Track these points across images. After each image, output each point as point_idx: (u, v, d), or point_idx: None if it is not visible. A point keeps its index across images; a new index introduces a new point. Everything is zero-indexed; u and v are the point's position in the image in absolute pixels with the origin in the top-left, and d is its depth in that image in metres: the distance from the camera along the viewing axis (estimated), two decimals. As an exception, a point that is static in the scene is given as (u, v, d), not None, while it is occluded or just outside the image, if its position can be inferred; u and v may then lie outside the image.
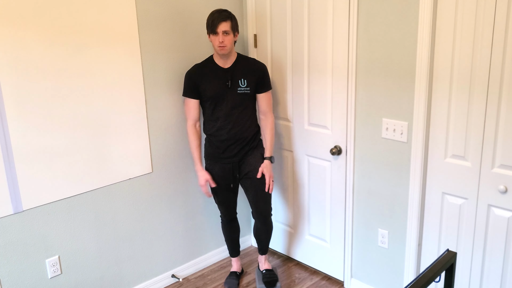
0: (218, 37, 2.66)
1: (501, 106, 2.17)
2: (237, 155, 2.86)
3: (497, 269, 2.35)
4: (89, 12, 2.50)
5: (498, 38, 2.11)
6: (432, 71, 2.37)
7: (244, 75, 2.80)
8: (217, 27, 2.64)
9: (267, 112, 2.91)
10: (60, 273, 2.65)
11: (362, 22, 2.57)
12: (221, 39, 2.65)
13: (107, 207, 2.79)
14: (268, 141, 2.92)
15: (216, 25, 2.64)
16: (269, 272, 3.11)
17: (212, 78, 2.78)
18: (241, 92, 2.80)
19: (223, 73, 2.78)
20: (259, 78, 2.84)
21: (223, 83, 2.77)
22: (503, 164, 2.22)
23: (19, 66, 2.31)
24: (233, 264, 3.22)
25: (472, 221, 2.39)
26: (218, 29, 2.64)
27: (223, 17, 2.65)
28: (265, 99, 2.89)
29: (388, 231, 2.75)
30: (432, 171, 2.49)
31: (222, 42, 2.66)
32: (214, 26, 2.65)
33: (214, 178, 2.89)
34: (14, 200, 2.41)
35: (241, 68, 2.81)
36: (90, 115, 2.61)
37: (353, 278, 3.04)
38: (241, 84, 2.80)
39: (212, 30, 2.66)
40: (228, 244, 3.16)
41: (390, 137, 2.60)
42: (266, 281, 3.06)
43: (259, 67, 2.86)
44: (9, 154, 2.35)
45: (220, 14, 2.66)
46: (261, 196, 2.90)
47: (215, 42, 2.69)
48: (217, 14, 2.66)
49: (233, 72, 2.79)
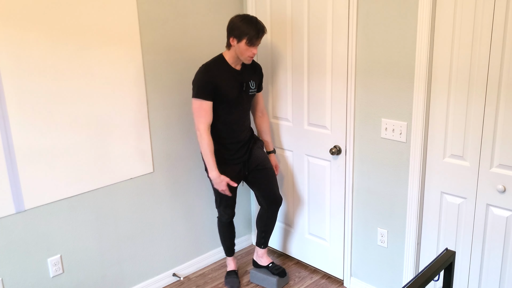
0: (254, 49, 2.61)
1: (499, 106, 2.18)
2: (246, 153, 2.90)
3: (496, 268, 2.37)
4: (90, 13, 2.51)
5: (497, 38, 2.12)
6: (431, 71, 2.38)
7: (252, 77, 2.83)
8: (259, 40, 2.60)
9: (263, 109, 3.05)
10: (62, 272, 2.67)
11: (361, 23, 2.58)
12: (256, 52, 2.63)
13: (109, 207, 2.80)
14: (269, 135, 3.09)
15: (260, 38, 2.59)
16: (275, 265, 3.15)
17: (230, 80, 2.70)
18: (252, 94, 2.84)
19: (238, 75, 2.75)
20: (260, 78, 2.92)
21: (239, 86, 2.75)
22: (501, 163, 2.23)
23: (21, 67, 2.32)
24: (231, 263, 3.23)
25: (471, 220, 2.41)
26: (258, 42, 2.61)
27: (265, 30, 2.61)
28: (261, 98, 3.02)
29: (388, 230, 2.77)
30: (431, 171, 2.51)
31: (254, 54, 2.65)
32: (257, 39, 2.58)
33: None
34: (16, 199, 2.42)
35: (249, 70, 2.82)
36: (92, 115, 2.62)
37: (352, 277, 3.05)
38: (251, 86, 2.81)
39: (253, 43, 2.58)
40: (227, 244, 3.16)
41: (389, 137, 2.61)
42: (278, 272, 3.10)
43: (259, 67, 2.92)
44: (11, 154, 2.37)
45: (263, 27, 2.60)
46: (275, 184, 2.99)
47: (246, 52, 2.62)
48: (261, 27, 2.58)
49: (244, 74, 2.78)
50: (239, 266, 3.40)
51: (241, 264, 3.42)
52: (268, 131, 3.10)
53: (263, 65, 3.21)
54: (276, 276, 3.08)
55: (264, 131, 3.09)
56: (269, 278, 3.09)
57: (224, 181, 2.77)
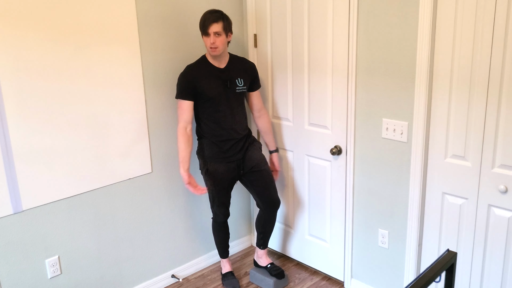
0: (210, 38, 2.65)
1: (501, 105, 2.17)
2: (240, 152, 2.89)
3: (498, 269, 2.35)
4: (89, 12, 2.50)
5: (498, 37, 2.11)
6: (432, 71, 2.37)
7: (240, 74, 2.84)
8: (208, 28, 2.64)
9: (262, 108, 3.04)
10: (60, 273, 2.65)
11: (362, 22, 2.57)
12: (212, 40, 2.65)
13: (107, 207, 2.79)
14: (270, 135, 3.09)
15: (208, 26, 2.63)
16: (274, 265, 3.14)
17: (210, 78, 2.76)
18: (240, 91, 2.84)
19: (220, 73, 2.78)
20: (253, 77, 2.92)
21: (222, 84, 2.78)
22: (503, 164, 2.22)
23: (19, 66, 2.31)
24: (226, 265, 3.20)
25: (473, 221, 2.39)
26: (209, 30, 2.64)
27: (215, 18, 2.64)
28: (258, 97, 3.02)
29: (388, 231, 2.75)
30: (432, 171, 2.49)
31: (213, 43, 2.66)
32: (205, 27, 2.64)
33: (219, 179, 2.88)
34: (14, 200, 2.41)
35: (236, 68, 2.83)
36: (90, 115, 2.61)
37: (353, 278, 3.04)
38: (238, 84, 2.83)
39: (204, 31, 2.66)
40: (221, 246, 3.14)
41: (390, 137, 2.60)
42: (276, 273, 3.08)
43: (251, 66, 2.92)
44: (9, 154, 2.35)
45: (212, 14, 2.65)
46: (272, 186, 2.97)
47: (207, 43, 2.69)
48: (209, 15, 2.65)
49: (229, 72, 2.80)
50: (239, 267, 3.39)
51: (240, 265, 3.41)
52: (269, 130, 3.09)
53: (263, 65, 3.20)
54: (273, 277, 3.07)
55: (264, 131, 3.09)
56: (267, 279, 3.08)
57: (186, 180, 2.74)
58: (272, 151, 3.13)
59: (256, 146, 2.97)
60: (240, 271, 3.33)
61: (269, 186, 2.95)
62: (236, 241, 3.57)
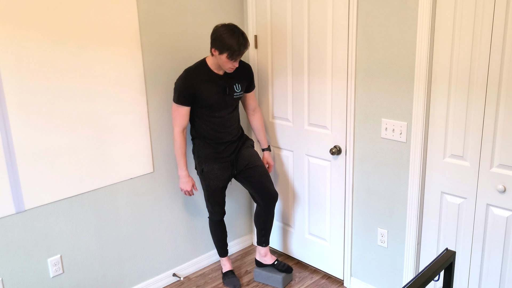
0: (235, 63, 2.63)
1: (499, 105, 2.18)
2: (234, 151, 2.91)
3: (496, 268, 2.37)
4: (91, 12, 2.51)
5: (497, 38, 2.12)
6: (431, 72, 2.38)
7: (238, 80, 2.83)
8: (240, 55, 2.59)
9: (256, 107, 3.07)
10: (62, 272, 2.67)
11: (361, 22, 2.58)
12: (237, 65, 2.65)
13: (109, 207, 2.80)
14: (263, 132, 3.11)
15: (241, 53, 2.58)
16: (280, 262, 3.16)
17: (210, 85, 2.73)
18: (237, 97, 2.85)
19: (219, 80, 2.76)
20: (249, 79, 2.92)
21: (221, 90, 2.77)
22: (501, 163, 2.23)
23: (21, 66, 2.32)
24: (226, 264, 3.21)
25: (471, 220, 2.41)
26: (240, 56, 2.60)
27: (247, 46, 2.59)
28: (253, 97, 3.03)
29: (388, 230, 2.77)
30: (431, 171, 2.51)
31: (234, 68, 2.66)
32: (238, 55, 2.58)
33: (215, 178, 2.90)
34: (16, 199, 2.42)
35: (234, 73, 2.82)
36: (92, 115, 2.62)
37: (352, 277, 3.05)
38: (236, 89, 2.83)
39: (233, 57, 2.57)
40: (220, 245, 3.15)
41: (389, 137, 2.61)
42: (284, 269, 3.12)
43: (247, 68, 2.90)
44: (11, 153, 2.37)
45: (245, 41, 2.58)
46: (268, 180, 2.99)
47: (227, 64, 2.63)
48: (243, 41, 2.57)
49: (228, 78, 2.79)
50: (239, 266, 3.40)
51: (241, 264, 3.42)
52: (261, 128, 3.10)
53: (263, 65, 3.21)
54: (282, 273, 3.10)
55: (257, 129, 3.10)
56: (275, 276, 3.10)
57: (190, 183, 2.90)
58: (264, 149, 3.14)
59: (248, 144, 2.99)
60: (241, 270, 3.35)
61: (265, 181, 2.97)
62: (236, 240, 3.58)
